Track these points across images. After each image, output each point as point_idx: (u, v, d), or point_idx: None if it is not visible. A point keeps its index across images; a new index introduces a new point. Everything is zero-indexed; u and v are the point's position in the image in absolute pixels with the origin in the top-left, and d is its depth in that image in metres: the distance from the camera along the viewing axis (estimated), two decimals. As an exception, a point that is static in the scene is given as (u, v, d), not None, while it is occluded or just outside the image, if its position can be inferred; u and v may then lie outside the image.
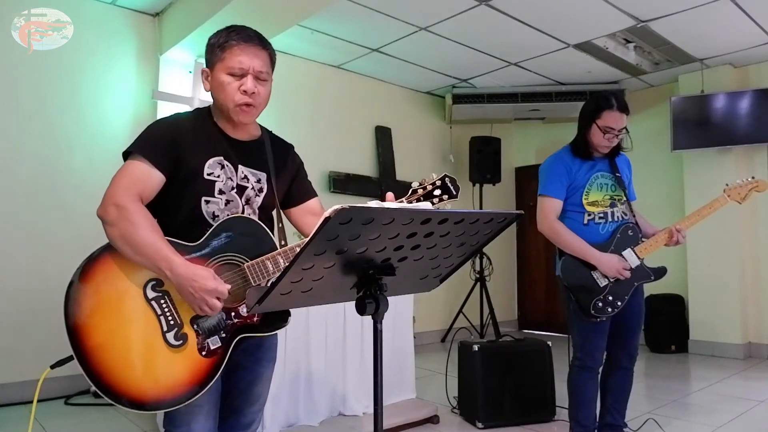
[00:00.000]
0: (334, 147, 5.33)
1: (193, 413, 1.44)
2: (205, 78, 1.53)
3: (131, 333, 1.35)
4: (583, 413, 2.46)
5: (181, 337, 1.38)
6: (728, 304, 5.12)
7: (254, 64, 1.47)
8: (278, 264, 1.44)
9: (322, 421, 2.83)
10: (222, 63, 1.47)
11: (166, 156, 1.42)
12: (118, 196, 1.36)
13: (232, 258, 1.44)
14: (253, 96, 1.47)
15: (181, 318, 1.39)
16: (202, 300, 1.33)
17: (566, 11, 4.15)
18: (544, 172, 2.49)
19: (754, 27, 4.42)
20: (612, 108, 2.37)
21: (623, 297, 2.37)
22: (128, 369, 1.34)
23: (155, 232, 1.36)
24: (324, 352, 2.89)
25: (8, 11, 3.63)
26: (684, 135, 5.25)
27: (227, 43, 1.47)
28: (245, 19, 2.47)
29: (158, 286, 1.38)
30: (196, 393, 1.37)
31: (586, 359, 2.44)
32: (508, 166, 6.82)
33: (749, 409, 3.44)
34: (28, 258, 3.62)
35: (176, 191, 1.46)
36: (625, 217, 2.48)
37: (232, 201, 1.50)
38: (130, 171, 1.40)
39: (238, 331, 1.44)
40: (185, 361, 1.37)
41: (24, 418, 3.18)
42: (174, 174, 1.44)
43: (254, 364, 1.59)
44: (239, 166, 1.53)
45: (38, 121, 3.74)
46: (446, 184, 1.55)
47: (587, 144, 2.45)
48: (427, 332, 5.82)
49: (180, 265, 1.33)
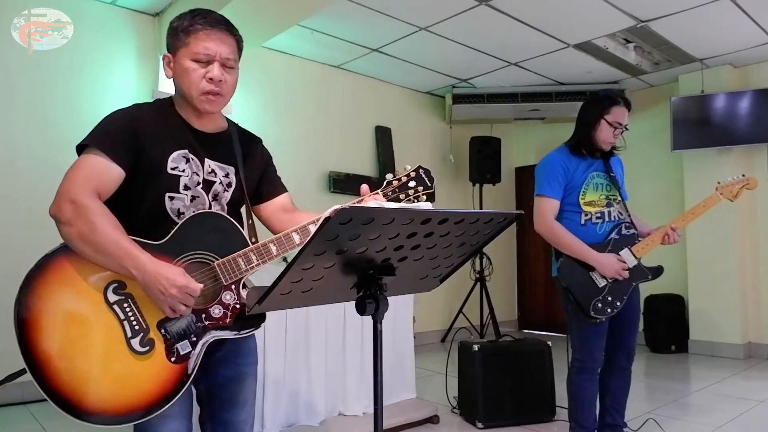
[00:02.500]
0: (334, 147, 5.33)
1: (166, 424, 1.35)
2: (167, 64, 1.43)
3: (91, 341, 1.24)
4: (583, 415, 2.46)
5: (148, 343, 1.27)
6: (728, 304, 5.11)
7: (221, 50, 1.37)
8: (250, 261, 1.35)
9: (322, 421, 2.83)
10: (186, 48, 1.37)
11: (125, 149, 1.31)
12: (74, 192, 1.25)
13: (201, 256, 1.34)
14: (219, 84, 1.37)
15: (147, 322, 1.28)
16: (173, 298, 1.23)
17: (566, 11, 4.15)
18: (541, 171, 2.48)
19: (754, 27, 4.42)
20: (620, 103, 2.41)
21: (622, 297, 2.37)
22: (90, 380, 1.23)
23: (117, 229, 1.25)
24: (324, 352, 2.88)
25: (8, 11, 3.63)
26: (684, 135, 5.25)
27: (192, 27, 1.37)
28: (245, 19, 2.48)
29: (120, 288, 1.27)
30: (166, 402, 1.28)
31: (585, 360, 2.43)
32: (508, 166, 6.82)
33: (749, 409, 3.44)
34: (28, 257, 3.60)
35: (138, 187, 1.35)
36: (621, 217, 2.48)
37: (198, 197, 1.40)
38: (86, 165, 1.29)
39: (210, 333, 1.34)
40: (152, 369, 1.27)
41: (24, 418, 3.18)
42: (135, 169, 1.33)
43: (234, 371, 1.49)
44: (206, 159, 1.43)
45: (38, 121, 3.74)
46: (420, 175, 1.53)
47: (591, 141, 2.45)
48: (427, 332, 5.82)
49: (147, 263, 1.23)
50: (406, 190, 1.52)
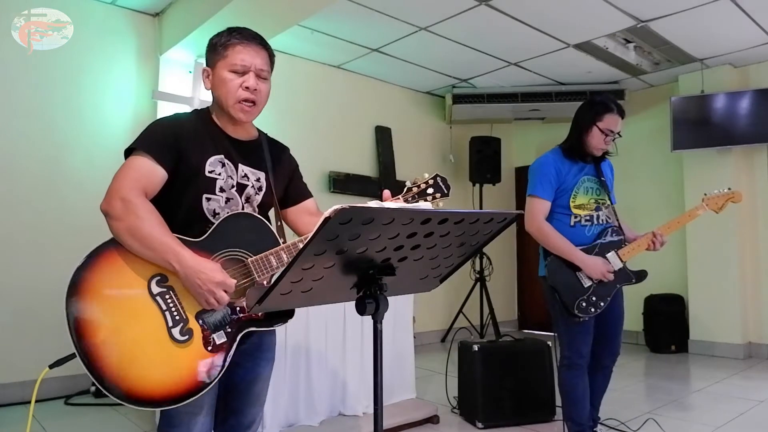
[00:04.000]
0: (334, 147, 5.33)
1: (192, 413, 1.44)
2: (206, 77, 1.55)
3: (135, 329, 1.34)
4: (577, 411, 2.50)
5: (187, 332, 1.37)
6: (728, 304, 5.11)
7: (256, 62, 1.51)
8: (281, 259, 1.46)
9: (322, 421, 2.83)
10: (224, 60, 1.50)
11: (168, 153, 1.44)
12: (124, 190, 1.37)
13: (237, 253, 1.45)
14: (255, 93, 1.50)
15: (187, 313, 1.39)
16: (210, 292, 1.34)
17: (566, 11, 4.16)
18: (534, 172, 2.54)
19: (754, 27, 4.42)
20: (613, 111, 2.46)
21: (606, 298, 2.44)
22: (133, 366, 1.32)
23: (162, 225, 1.37)
24: (324, 352, 2.88)
25: (8, 11, 3.63)
26: (684, 135, 5.25)
27: (230, 41, 1.50)
28: (245, 19, 2.47)
29: (163, 281, 1.38)
30: (202, 389, 1.37)
31: (572, 357, 2.49)
32: (508, 166, 6.82)
33: (749, 409, 3.44)
34: (29, 257, 3.62)
35: (178, 188, 1.47)
36: (609, 221, 2.56)
37: (232, 199, 1.52)
38: (135, 166, 1.42)
39: (243, 325, 1.45)
40: (191, 357, 1.37)
41: (24, 418, 3.18)
42: (176, 171, 1.46)
43: (253, 365, 1.59)
44: (239, 164, 1.55)
45: (38, 121, 3.74)
46: (438, 183, 1.61)
47: (583, 146, 2.51)
48: (427, 332, 5.82)
49: (188, 258, 1.34)
50: (425, 197, 1.60)
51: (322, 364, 2.87)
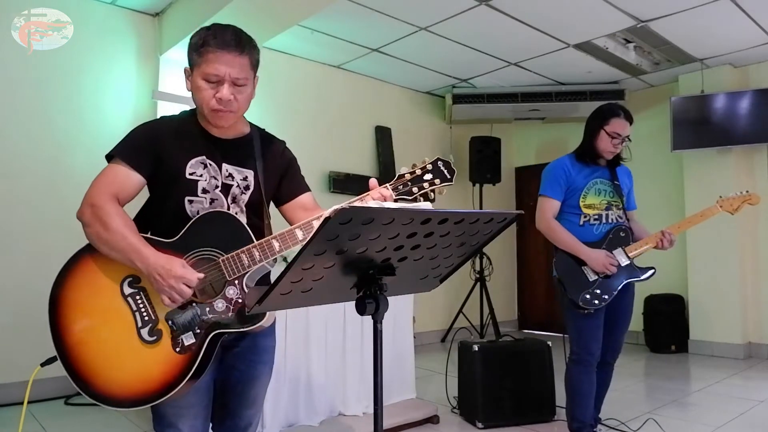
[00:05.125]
0: (334, 147, 5.33)
1: (181, 414, 1.43)
2: (187, 77, 1.50)
3: (107, 330, 1.37)
4: (580, 409, 2.54)
5: (155, 333, 1.37)
6: (728, 304, 5.11)
7: (231, 71, 1.41)
8: (253, 257, 1.40)
9: (322, 421, 2.83)
10: (198, 68, 1.43)
11: (145, 158, 1.44)
12: (95, 197, 1.40)
13: (209, 253, 1.43)
14: (228, 103, 1.43)
15: (156, 314, 1.38)
16: (170, 287, 1.33)
17: (566, 11, 4.16)
18: (546, 174, 2.67)
19: (754, 27, 4.42)
20: (619, 116, 2.58)
21: (611, 292, 2.51)
22: (105, 366, 1.35)
23: (127, 227, 1.38)
24: (324, 352, 2.88)
25: (8, 11, 3.63)
26: (684, 135, 5.25)
27: (204, 48, 1.41)
28: (245, 19, 2.48)
29: (135, 282, 1.40)
30: (170, 390, 1.35)
31: (581, 353, 2.53)
32: (508, 166, 6.82)
33: (749, 409, 3.44)
34: (28, 257, 3.62)
35: (160, 192, 1.48)
36: (619, 220, 2.63)
37: (216, 200, 1.49)
38: (107, 173, 1.44)
39: (212, 327, 1.40)
40: (159, 357, 1.36)
41: (24, 418, 3.18)
42: (156, 175, 1.46)
43: (248, 367, 1.57)
44: (223, 164, 1.51)
45: (38, 120, 3.74)
46: (438, 167, 1.49)
47: (594, 150, 2.62)
48: (427, 332, 5.82)
49: (150, 256, 1.34)
50: (420, 183, 1.49)
51: (322, 364, 2.87)
